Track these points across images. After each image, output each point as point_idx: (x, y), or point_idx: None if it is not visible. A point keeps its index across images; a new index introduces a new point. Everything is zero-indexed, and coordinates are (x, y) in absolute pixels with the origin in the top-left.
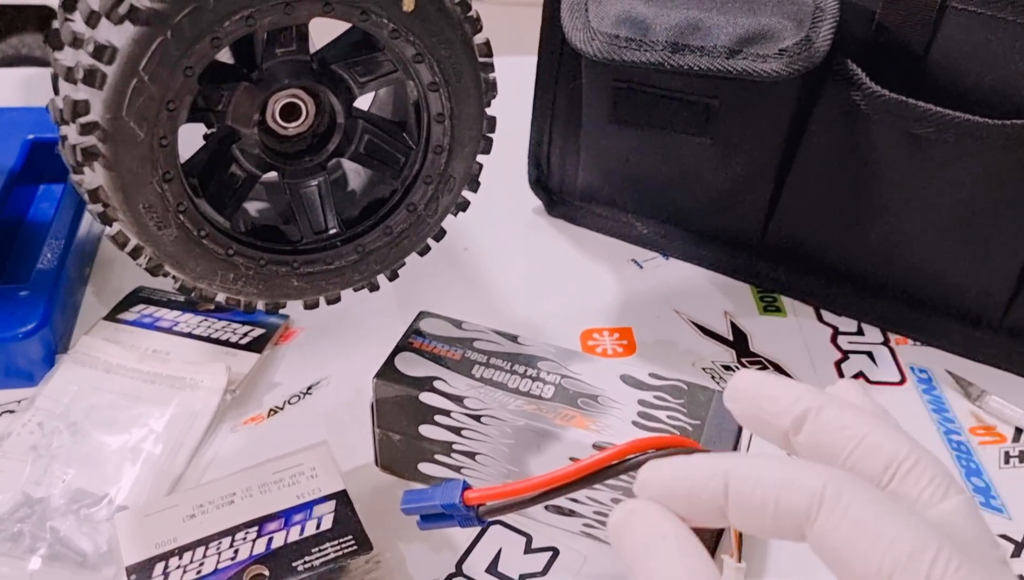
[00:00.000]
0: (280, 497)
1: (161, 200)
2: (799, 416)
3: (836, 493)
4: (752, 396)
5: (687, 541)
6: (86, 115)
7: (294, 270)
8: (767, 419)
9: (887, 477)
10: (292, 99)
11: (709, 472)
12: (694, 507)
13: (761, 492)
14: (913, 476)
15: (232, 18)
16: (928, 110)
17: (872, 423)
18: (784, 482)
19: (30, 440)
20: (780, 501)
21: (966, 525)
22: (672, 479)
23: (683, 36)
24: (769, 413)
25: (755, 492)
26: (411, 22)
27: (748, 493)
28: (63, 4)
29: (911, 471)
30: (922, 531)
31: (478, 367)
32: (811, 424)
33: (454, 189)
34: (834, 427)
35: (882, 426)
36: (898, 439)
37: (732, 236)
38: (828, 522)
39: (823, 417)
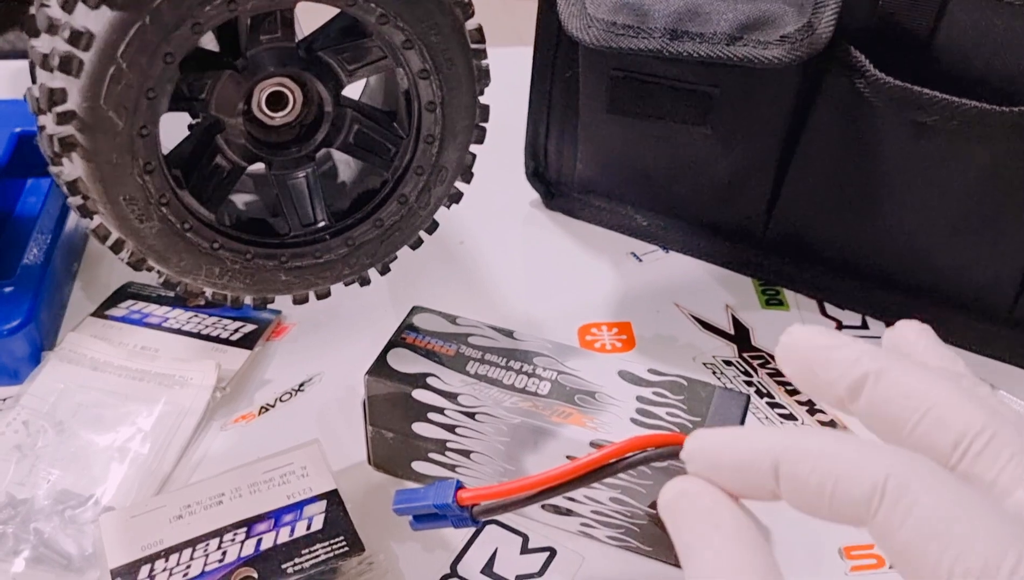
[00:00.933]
0: (270, 497)
1: (142, 192)
2: (856, 382)
3: (900, 487)
4: (805, 357)
5: (742, 532)
6: (63, 104)
7: (282, 264)
8: (821, 383)
9: (956, 456)
10: (278, 87)
11: (757, 449)
12: (742, 485)
13: (817, 478)
14: (987, 456)
15: (213, 2)
16: (933, 97)
17: (940, 389)
18: (843, 467)
19: (14, 439)
20: (837, 490)
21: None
22: (718, 455)
23: (682, 22)
24: (822, 378)
25: (810, 478)
26: (400, 7)
27: (803, 478)
28: None
29: (985, 450)
30: (999, 533)
31: (473, 363)
32: (870, 391)
33: (446, 180)
34: (895, 395)
35: (952, 392)
36: (970, 409)
37: (733, 228)
38: (891, 519)
39: (883, 383)
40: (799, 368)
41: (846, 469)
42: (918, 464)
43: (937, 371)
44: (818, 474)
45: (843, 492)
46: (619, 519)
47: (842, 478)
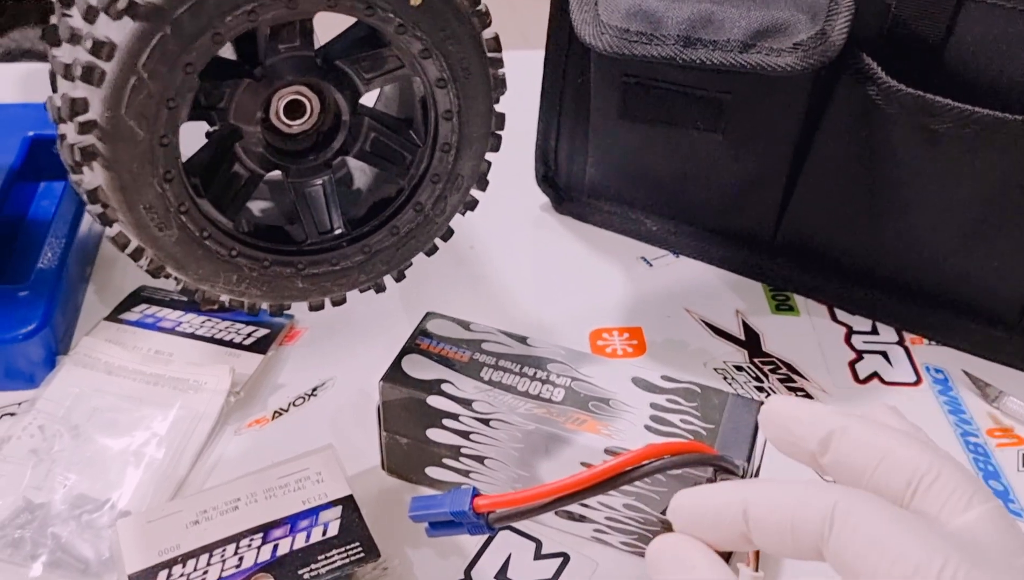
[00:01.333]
0: (285, 503)
1: (162, 200)
2: (825, 437)
3: (846, 511)
4: (781, 421)
5: (714, 572)
6: (84, 113)
7: (299, 271)
8: (795, 442)
9: (909, 493)
10: (296, 96)
11: (728, 499)
12: (720, 533)
13: (778, 516)
14: (935, 489)
15: (234, 13)
16: (946, 105)
17: (896, 440)
18: (798, 503)
19: (31, 444)
20: (796, 522)
21: (990, 534)
22: (696, 507)
23: (695, 30)
24: (796, 435)
25: (772, 516)
26: (418, 17)
27: (766, 517)
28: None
29: (932, 484)
30: (930, 544)
31: (487, 370)
32: (836, 443)
33: (462, 188)
34: (857, 446)
35: (907, 442)
36: (921, 453)
37: (744, 233)
38: (840, 539)
39: (848, 436)
40: (777, 430)
41: (801, 503)
42: (860, 495)
43: (895, 429)
44: (778, 513)
45: (800, 523)
46: (632, 525)
47: (798, 511)
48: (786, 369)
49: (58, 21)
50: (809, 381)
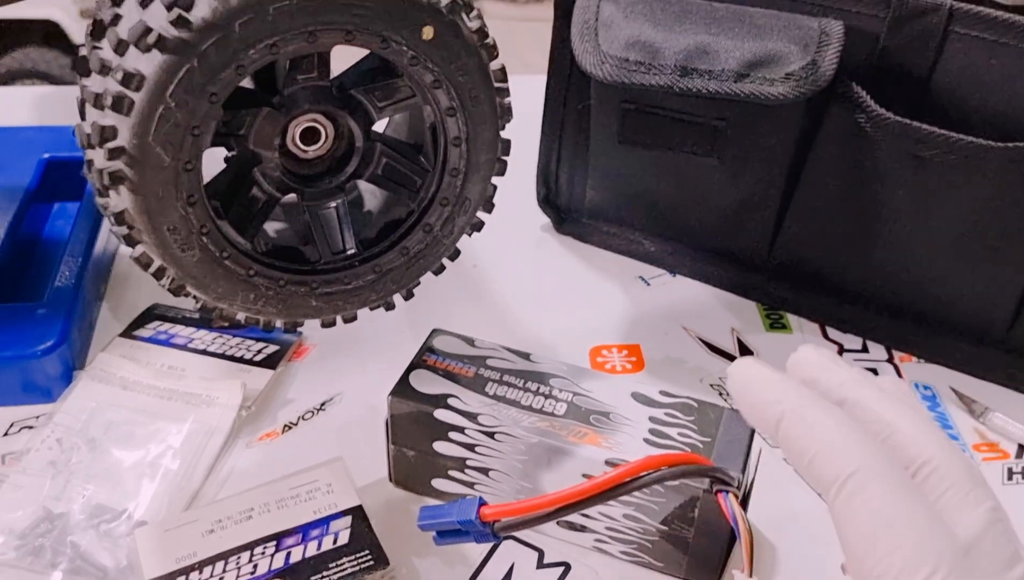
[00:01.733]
0: (297, 512)
1: (185, 223)
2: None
3: (859, 485)
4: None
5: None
6: (113, 140)
7: (313, 290)
8: (753, 413)
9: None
10: (312, 123)
11: (769, 400)
12: (755, 423)
13: (800, 446)
14: (932, 481)
15: (257, 46)
16: (932, 132)
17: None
18: (822, 448)
19: (49, 456)
20: (812, 465)
21: (986, 541)
22: (744, 387)
23: (691, 60)
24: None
25: (797, 443)
26: (430, 49)
27: (791, 441)
28: (91, 32)
29: (931, 475)
30: (924, 546)
31: (491, 384)
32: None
33: (469, 210)
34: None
35: (913, 421)
36: (924, 440)
37: (739, 254)
38: (843, 509)
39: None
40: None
41: (823, 451)
42: (885, 471)
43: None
44: (802, 444)
45: (816, 469)
46: (632, 535)
47: (817, 457)
48: None
49: (88, 53)
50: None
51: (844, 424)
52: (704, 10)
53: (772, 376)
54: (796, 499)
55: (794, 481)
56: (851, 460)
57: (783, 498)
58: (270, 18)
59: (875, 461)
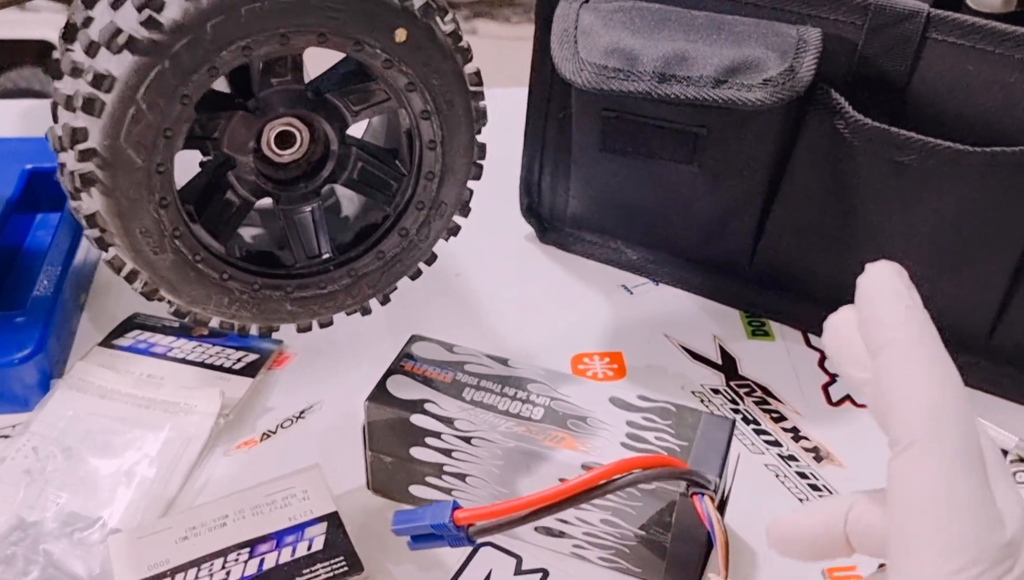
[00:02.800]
0: (272, 519)
1: (157, 225)
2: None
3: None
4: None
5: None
6: (84, 142)
7: (287, 294)
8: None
9: None
10: (287, 127)
11: (889, 322)
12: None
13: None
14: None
15: (229, 48)
16: (910, 138)
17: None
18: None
19: (24, 464)
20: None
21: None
22: (870, 293)
23: (670, 66)
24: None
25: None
26: (403, 52)
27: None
28: (63, 35)
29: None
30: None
31: (469, 390)
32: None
33: (445, 214)
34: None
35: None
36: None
37: (720, 262)
38: (898, 473)
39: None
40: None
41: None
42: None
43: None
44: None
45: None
46: (610, 540)
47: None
48: (761, 392)
49: (61, 55)
50: (784, 404)
51: (942, 384)
52: (683, 18)
53: (904, 295)
54: (777, 504)
55: (774, 486)
56: (926, 427)
57: (763, 503)
58: (242, 20)
59: (950, 437)
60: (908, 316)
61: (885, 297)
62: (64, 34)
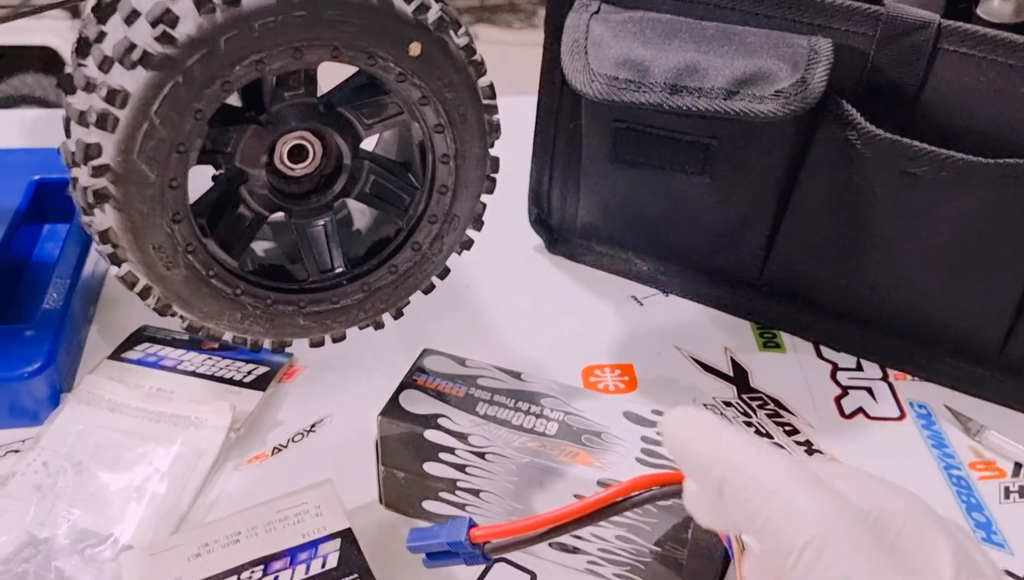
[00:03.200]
0: (285, 535)
1: (170, 241)
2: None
3: (816, 554)
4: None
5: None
6: (98, 158)
7: (300, 309)
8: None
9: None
10: (300, 141)
11: (707, 463)
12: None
13: (751, 509)
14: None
15: (243, 63)
16: (922, 149)
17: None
18: (775, 513)
19: (35, 480)
20: (766, 529)
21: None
22: (678, 447)
23: (681, 78)
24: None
25: (745, 506)
26: (417, 66)
27: (740, 503)
28: (76, 49)
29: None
30: None
31: (482, 404)
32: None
33: (458, 228)
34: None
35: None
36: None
37: (731, 273)
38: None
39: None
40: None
41: (778, 516)
42: (844, 532)
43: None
44: (752, 505)
45: (770, 534)
46: (625, 557)
47: (771, 521)
48: (774, 405)
49: (73, 70)
50: (796, 416)
51: (795, 474)
52: (693, 29)
53: (707, 430)
54: None
55: None
56: (807, 523)
57: None
58: (255, 34)
59: (834, 521)
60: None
61: (693, 437)
62: (77, 49)
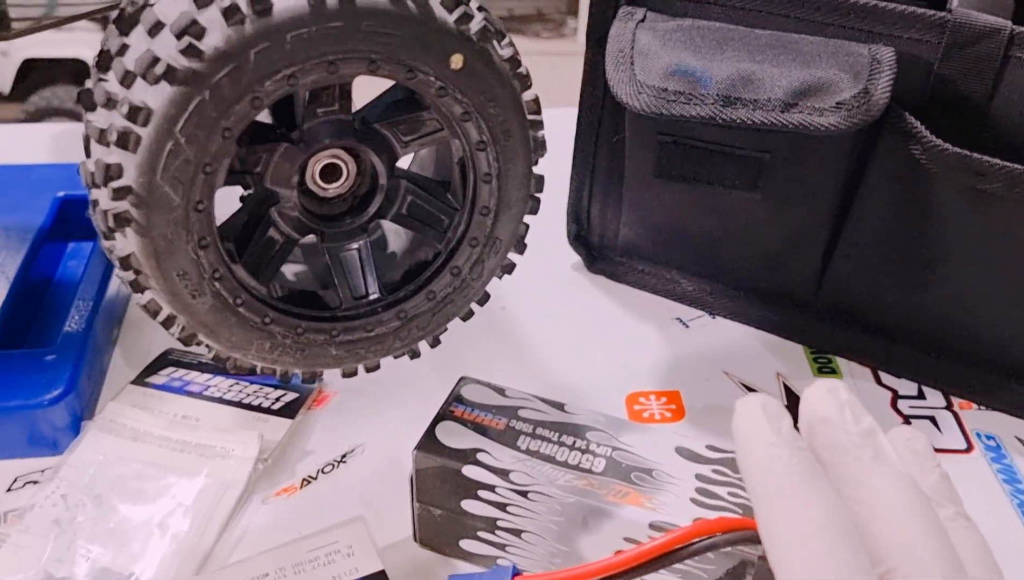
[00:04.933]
0: (315, 577)
1: (196, 267)
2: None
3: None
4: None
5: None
6: (119, 179)
7: (333, 338)
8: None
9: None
10: (333, 159)
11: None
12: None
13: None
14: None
15: (273, 77)
16: (994, 165)
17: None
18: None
19: (53, 513)
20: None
21: None
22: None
23: (735, 89)
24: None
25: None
26: (459, 80)
27: (761, 524)
28: (97, 64)
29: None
30: None
31: (524, 438)
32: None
33: (500, 251)
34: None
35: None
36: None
37: (783, 294)
38: None
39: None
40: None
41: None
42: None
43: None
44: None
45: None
46: None
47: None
48: None
49: (94, 85)
50: None
51: (818, 529)
52: (746, 38)
53: (768, 438)
54: None
55: None
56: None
57: None
58: (287, 47)
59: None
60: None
61: (753, 437)
62: (98, 62)
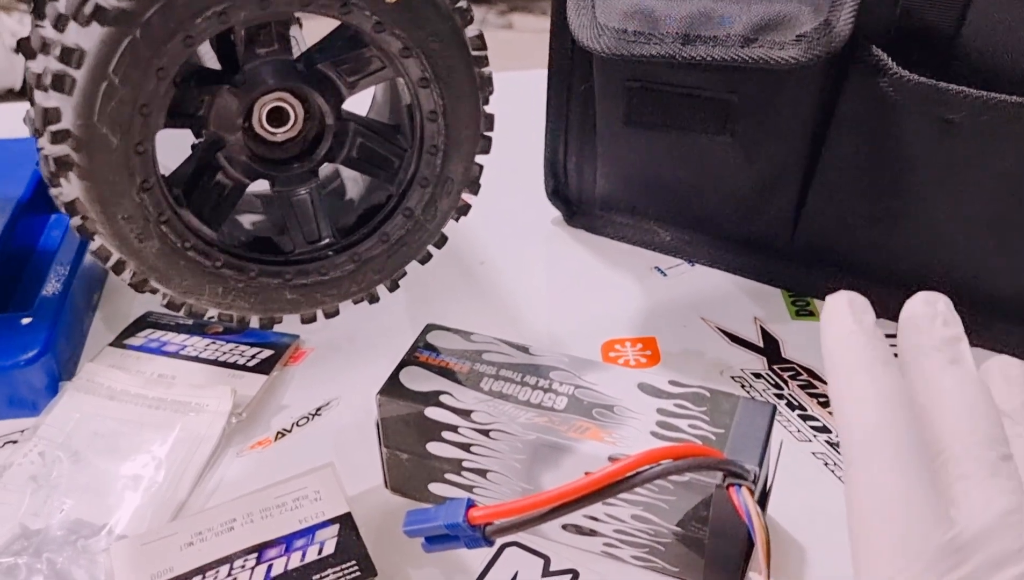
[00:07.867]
0: (282, 522)
1: (141, 210)
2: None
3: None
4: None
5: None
6: (57, 123)
7: (287, 282)
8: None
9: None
10: (278, 103)
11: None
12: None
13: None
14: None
15: (204, 14)
16: (961, 92)
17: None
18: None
19: (30, 470)
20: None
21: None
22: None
23: (694, 27)
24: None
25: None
26: (395, 14)
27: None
28: (33, 11)
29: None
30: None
31: (487, 380)
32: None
33: (452, 192)
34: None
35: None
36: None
37: (760, 238)
38: (847, 481)
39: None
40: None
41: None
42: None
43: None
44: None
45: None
46: (643, 538)
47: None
48: (807, 375)
49: (31, 32)
50: None
51: (881, 399)
52: None
53: (848, 325)
54: (827, 495)
55: (823, 474)
56: (866, 435)
57: (812, 494)
58: None
59: (889, 439)
60: (848, 345)
61: (835, 325)
62: (34, 9)
